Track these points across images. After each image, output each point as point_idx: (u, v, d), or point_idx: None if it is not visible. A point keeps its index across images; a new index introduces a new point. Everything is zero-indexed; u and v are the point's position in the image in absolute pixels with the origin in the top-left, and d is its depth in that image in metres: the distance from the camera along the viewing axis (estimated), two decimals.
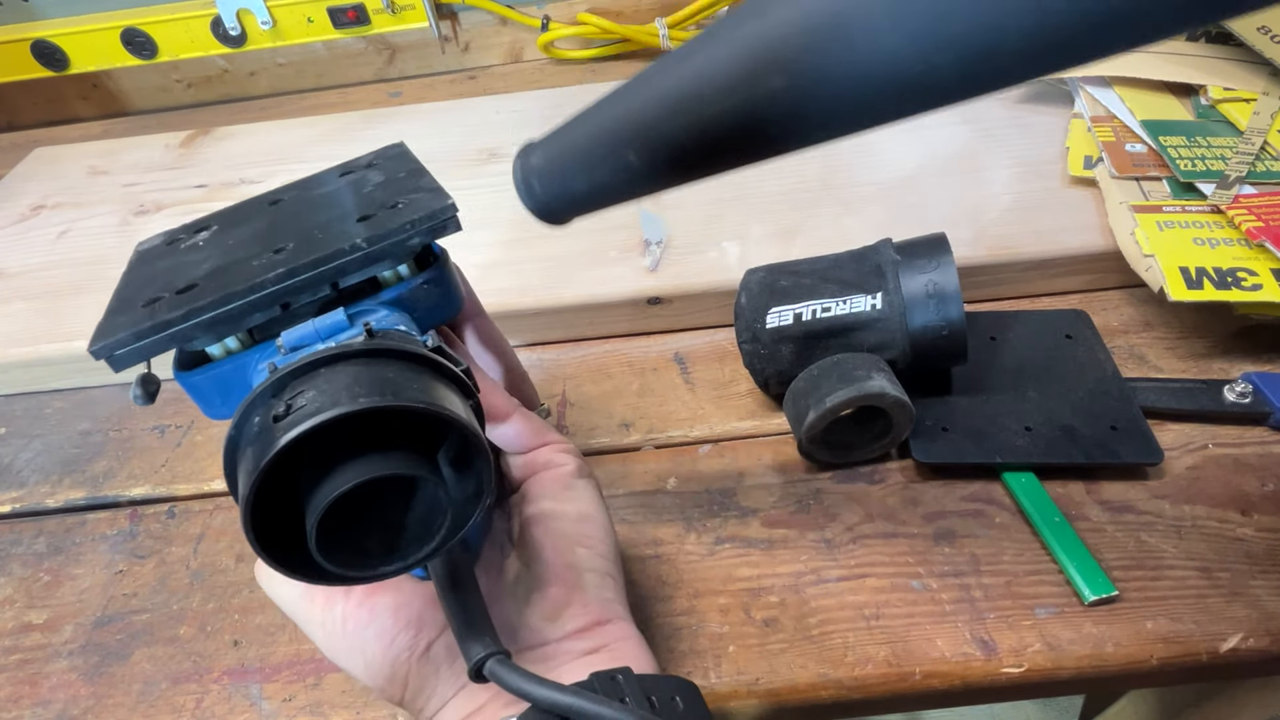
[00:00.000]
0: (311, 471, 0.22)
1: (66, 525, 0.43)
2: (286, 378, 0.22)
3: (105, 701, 0.35)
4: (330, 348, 0.23)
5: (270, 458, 0.20)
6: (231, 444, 0.23)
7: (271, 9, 0.74)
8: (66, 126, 0.83)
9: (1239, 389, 0.39)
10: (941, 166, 0.53)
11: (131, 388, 0.29)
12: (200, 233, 0.32)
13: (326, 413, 0.20)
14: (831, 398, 0.36)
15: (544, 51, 0.80)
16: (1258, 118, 0.48)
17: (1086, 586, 0.34)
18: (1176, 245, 0.42)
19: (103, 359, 0.27)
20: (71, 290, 0.54)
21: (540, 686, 0.23)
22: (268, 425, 0.21)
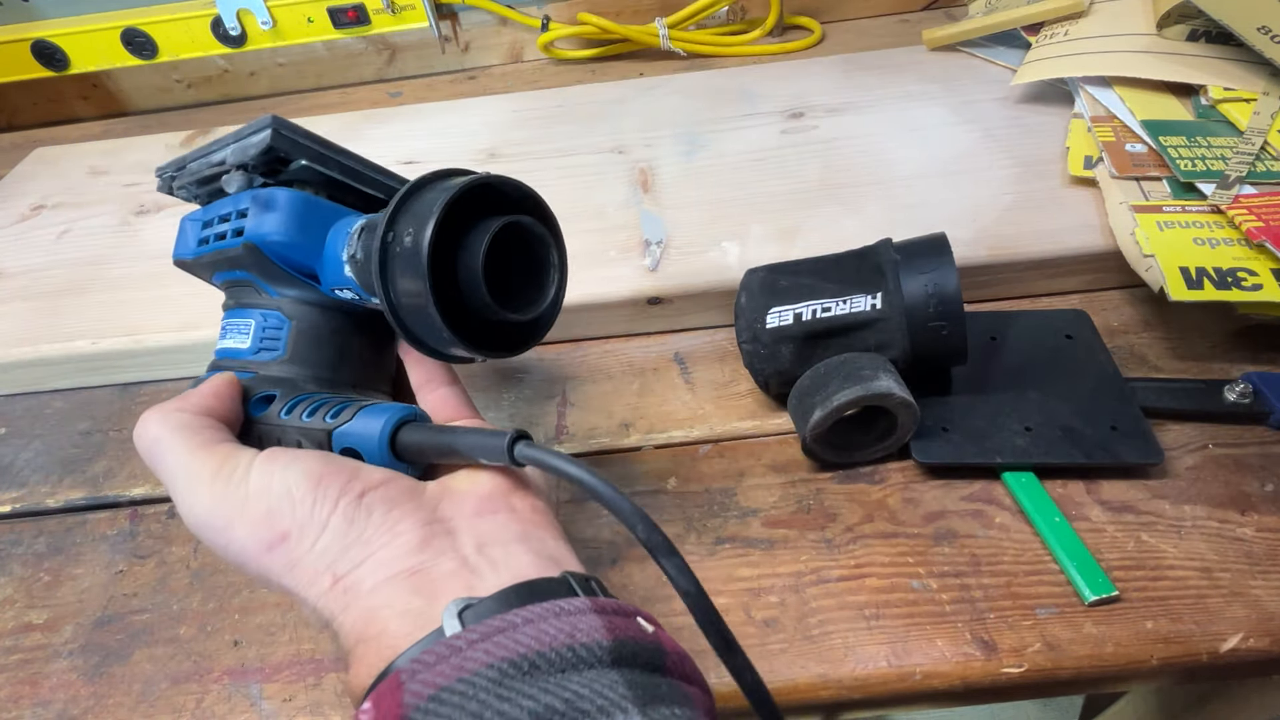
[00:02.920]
0: (446, 252, 0.28)
1: (66, 525, 0.43)
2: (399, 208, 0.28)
3: (105, 701, 0.35)
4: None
5: (450, 196, 0.27)
6: (383, 252, 0.28)
7: (271, 9, 0.74)
8: (66, 126, 0.83)
9: (1239, 389, 0.39)
10: (941, 166, 0.53)
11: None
12: None
13: (460, 184, 0.28)
14: (838, 397, 0.36)
15: (544, 51, 0.80)
16: (1258, 118, 0.48)
17: (1086, 586, 0.34)
18: (1176, 245, 0.42)
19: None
20: (71, 290, 0.54)
21: (568, 462, 0.25)
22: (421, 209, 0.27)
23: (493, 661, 0.20)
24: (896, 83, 0.63)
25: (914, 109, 0.60)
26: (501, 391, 0.47)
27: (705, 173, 0.56)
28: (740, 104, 0.64)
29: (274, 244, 0.30)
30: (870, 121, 0.59)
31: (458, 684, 0.20)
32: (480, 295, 0.28)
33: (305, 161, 0.32)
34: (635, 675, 0.20)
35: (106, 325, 0.50)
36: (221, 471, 0.26)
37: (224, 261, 0.33)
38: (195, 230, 0.35)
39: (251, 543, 0.25)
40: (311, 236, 0.31)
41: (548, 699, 0.19)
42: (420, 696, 0.20)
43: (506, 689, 0.19)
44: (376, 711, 0.20)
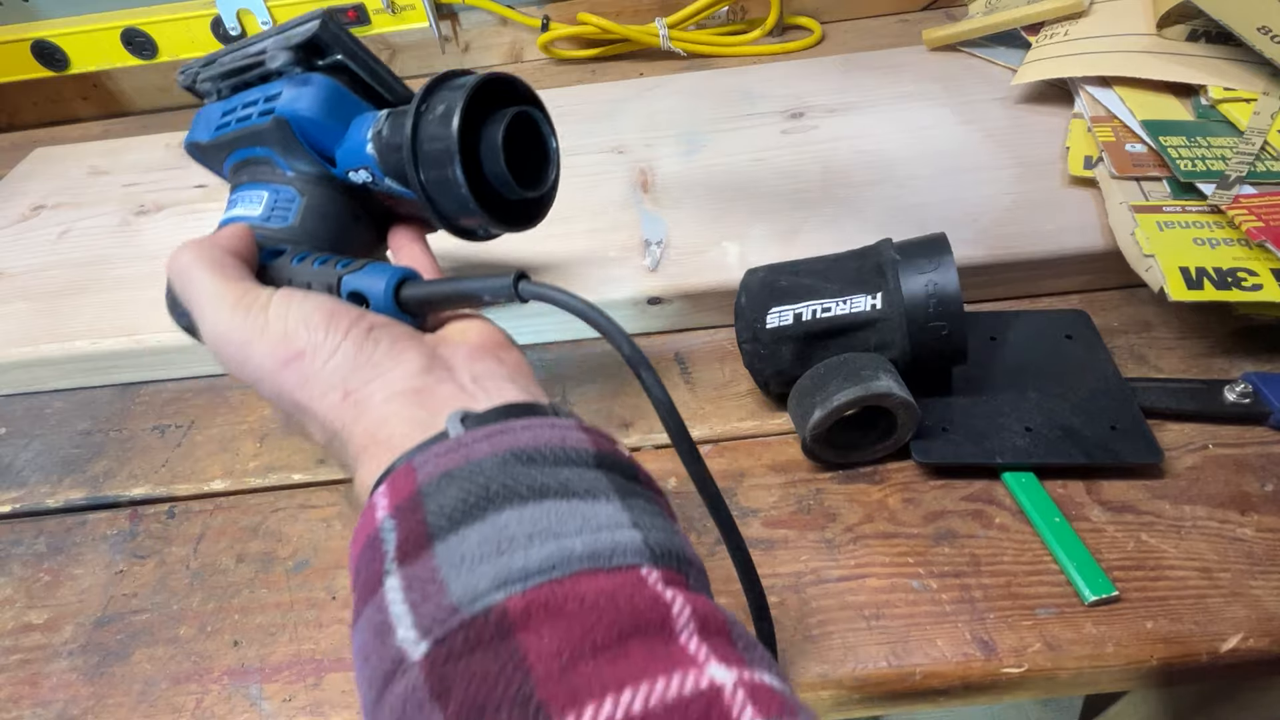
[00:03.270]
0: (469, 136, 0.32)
1: (66, 525, 0.43)
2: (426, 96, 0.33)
3: (105, 701, 0.35)
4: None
5: (479, 80, 0.32)
6: (416, 119, 0.32)
7: (271, 9, 0.74)
8: (66, 126, 0.83)
9: (1239, 389, 0.39)
10: (941, 166, 0.53)
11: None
12: None
13: (484, 75, 0.33)
14: (838, 396, 0.36)
15: (544, 51, 0.80)
16: (1258, 118, 0.48)
17: (1086, 586, 0.34)
18: (1176, 245, 0.42)
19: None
20: (71, 290, 0.54)
21: (565, 294, 0.28)
22: (446, 99, 0.32)
23: (496, 451, 0.23)
24: (896, 83, 0.63)
25: (914, 109, 0.60)
26: None
27: (705, 173, 0.56)
28: (740, 104, 0.64)
29: (304, 120, 0.34)
30: (870, 121, 0.59)
31: (466, 466, 0.22)
32: (498, 167, 0.33)
33: (341, 56, 0.36)
34: (615, 477, 0.23)
35: (106, 325, 0.50)
36: (244, 300, 0.29)
37: (245, 138, 0.36)
38: (216, 117, 0.38)
39: (268, 360, 0.27)
40: (337, 120, 0.35)
41: (543, 479, 0.22)
42: (431, 476, 0.22)
43: (508, 472, 0.22)
44: (391, 494, 0.23)
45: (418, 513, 0.22)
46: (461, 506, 0.21)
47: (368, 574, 0.22)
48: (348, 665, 0.36)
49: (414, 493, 0.22)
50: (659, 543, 0.21)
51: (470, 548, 0.20)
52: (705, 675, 0.17)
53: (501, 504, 0.21)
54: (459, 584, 0.20)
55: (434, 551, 0.21)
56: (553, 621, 0.18)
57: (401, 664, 0.19)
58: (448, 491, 0.22)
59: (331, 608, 0.38)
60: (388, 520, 0.22)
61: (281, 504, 0.43)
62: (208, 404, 0.49)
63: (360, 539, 0.23)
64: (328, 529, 0.41)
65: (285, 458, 0.45)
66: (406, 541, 0.21)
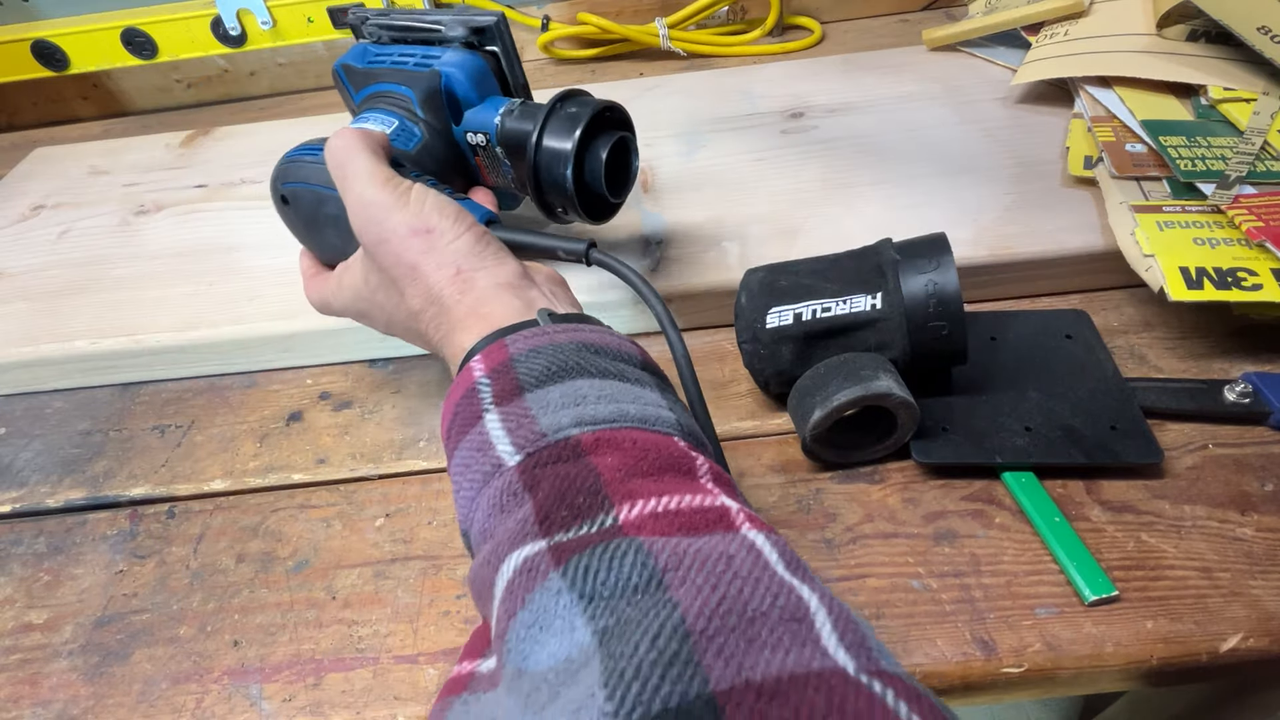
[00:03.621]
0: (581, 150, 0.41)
1: (66, 525, 0.43)
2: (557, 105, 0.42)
3: (105, 701, 0.35)
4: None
5: (603, 103, 0.42)
6: (549, 112, 0.41)
7: (271, 9, 0.74)
8: (66, 126, 0.83)
9: (1239, 389, 0.39)
10: (941, 166, 0.53)
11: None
12: None
13: (605, 101, 0.42)
14: (838, 396, 0.36)
15: (544, 51, 0.80)
16: (1258, 118, 0.48)
17: (1086, 586, 0.34)
18: (1176, 245, 0.42)
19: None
20: (71, 290, 0.54)
21: (625, 267, 0.36)
22: (569, 114, 0.41)
23: (572, 340, 0.29)
24: (896, 83, 0.63)
25: (914, 109, 0.60)
26: None
27: (705, 173, 0.56)
28: (740, 104, 0.64)
29: (454, 80, 0.43)
30: (870, 121, 0.59)
31: (548, 346, 0.29)
32: (598, 175, 0.41)
33: (497, 49, 0.45)
34: (654, 378, 0.30)
35: (106, 325, 0.50)
36: (391, 180, 0.34)
37: (395, 75, 0.44)
38: (371, 54, 0.46)
39: (403, 227, 0.33)
40: (475, 91, 0.44)
41: (606, 365, 0.29)
42: (521, 350, 0.29)
43: (581, 355, 0.29)
44: (486, 360, 0.29)
45: (510, 373, 0.28)
46: (546, 372, 0.28)
47: (467, 413, 0.28)
48: (348, 665, 0.36)
49: (507, 360, 0.28)
50: (685, 424, 0.28)
51: (554, 399, 0.27)
52: (719, 500, 0.24)
53: (576, 375, 0.28)
54: (546, 420, 0.26)
55: (525, 398, 0.27)
56: (614, 451, 0.25)
57: (500, 467, 0.26)
58: (535, 361, 0.28)
59: (331, 608, 0.38)
60: (484, 378, 0.28)
61: (281, 504, 0.43)
62: (208, 404, 0.49)
63: (457, 392, 0.29)
64: (328, 529, 0.41)
65: (285, 458, 0.45)
66: (502, 391, 0.27)
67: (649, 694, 0.17)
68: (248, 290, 0.52)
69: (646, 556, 0.21)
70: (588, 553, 0.22)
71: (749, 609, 0.19)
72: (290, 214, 0.43)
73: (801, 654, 0.18)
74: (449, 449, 0.29)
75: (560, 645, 0.20)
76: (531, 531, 0.23)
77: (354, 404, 0.48)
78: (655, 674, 0.18)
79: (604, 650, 0.19)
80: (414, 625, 0.37)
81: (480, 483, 0.26)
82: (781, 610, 0.19)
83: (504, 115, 0.42)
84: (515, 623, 0.22)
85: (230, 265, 0.54)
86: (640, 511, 0.23)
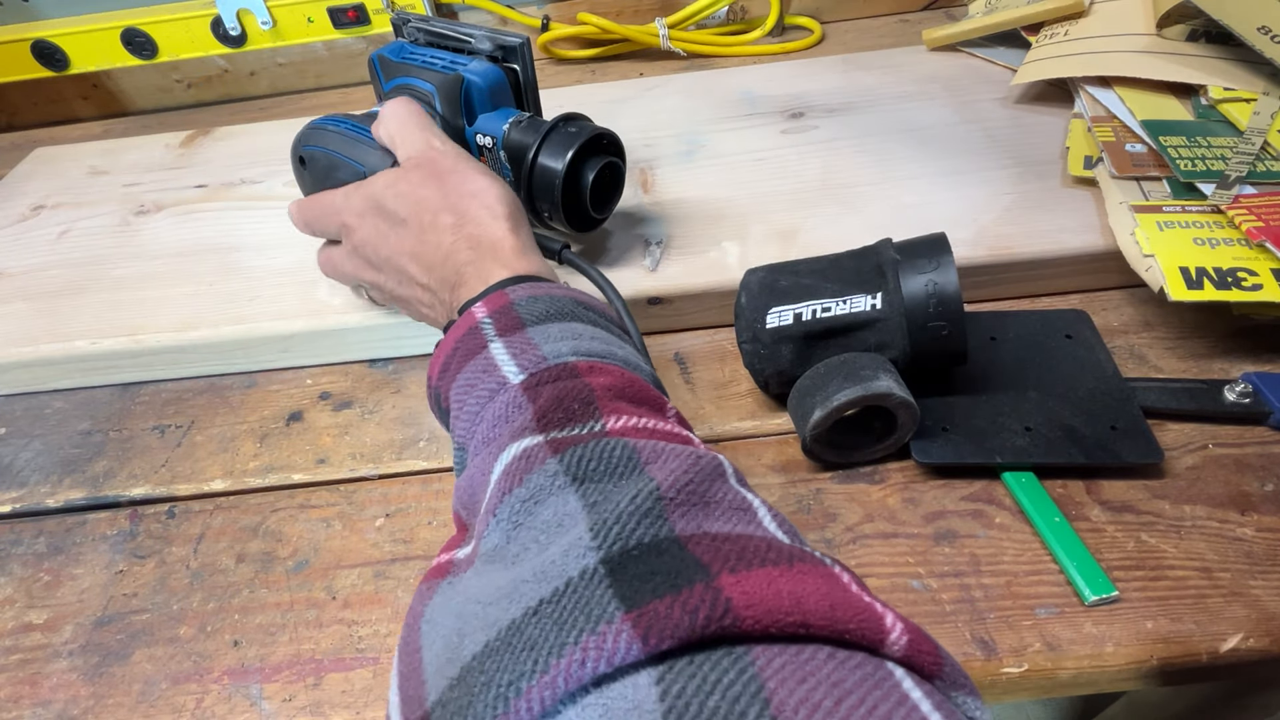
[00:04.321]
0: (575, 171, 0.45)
1: (66, 525, 0.43)
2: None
3: (105, 701, 0.35)
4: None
5: (599, 129, 0.46)
6: (551, 129, 0.45)
7: (271, 9, 0.74)
8: (66, 126, 0.83)
9: (1239, 389, 0.39)
10: (941, 166, 0.53)
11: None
12: None
13: (600, 128, 0.46)
14: (837, 396, 0.36)
15: (544, 51, 0.80)
16: (1258, 118, 0.48)
17: (1086, 586, 0.34)
18: (1176, 245, 0.42)
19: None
20: (71, 290, 0.54)
21: (591, 268, 0.42)
22: (567, 134, 0.45)
23: (567, 295, 0.33)
24: (896, 83, 0.63)
25: (914, 109, 0.60)
26: None
27: (705, 173, 0.56)
28: (740, 104, 0.64)
29: (476, 87, 0.47)
30: (870, 121, 0.59)
31: (546, 296, 0.33)
32: (584, 195, 0.45)
33: (517, 66, 0.49)
34: (635, 341, 0.37)
35: (106, 325, 0.50)
36: (445, 140, 0.41)
37: (423, 72, 0.48)
38: (406, 51, 0.50)
39: (473, 169, 0.39)
40: (491, 99, 0.47)
41: (595, 318, 0.33)
42: (521, 296, 0.32)
43: (575, 306, 0.33)
44: (488, 306, 0.32)
45: (512, 313, 0.32)
46: (546, 312, 0.32)
47: (470, 345, 0.31)
48: (348, 665, 0.36)
49: (508, 304, 0.32)
50: (657, 381, 0.33)
51: (553, 332, 0.31)
52: (686, 434, 0.28)
53: (571, 319, 0.32)
54: (547, 347, 0.30)
55: (527, 331, 0.31)
56: (603, 376, 0.29)
57: (504, 385, 0.29)
58: (535, 306, 0.32)
59: (331, 608, 0.38)
60: (486, 318, 0.32)
61: (281, 504, 0.43)
62: (208, 404, 0.49)
63: (457, 331, 0.32)
64: (328, 529, 0.41)
65: (285, 458, 0.45)
66: (505, 326, 0.31)
67: (626, 533, 0.21)
68: (248, 290, 0.52)
69: (631, 450, 0.25)
70: (581, 445, 0.25)
71: (708, 495, 0.24)
72: (304, 174, 0.49)
73: (747, 527, 0.23)
74: (446, 378, 0.32)
75: (552, 512, 0.24)
76: (530, 427, 0.27)
77: (354, 404, 0.48)
78: (632, 521, 0.22)
79: (591, 511, 0.23)
80: None
81: (485, 398, 0.30)
82: (731, 502, 0.24)
83: (511, 125, 0.46)
84: (510, 498, 0.25)
85: (230, 265, 0.54)
86: (624, 423, 0.27)
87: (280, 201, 0.59)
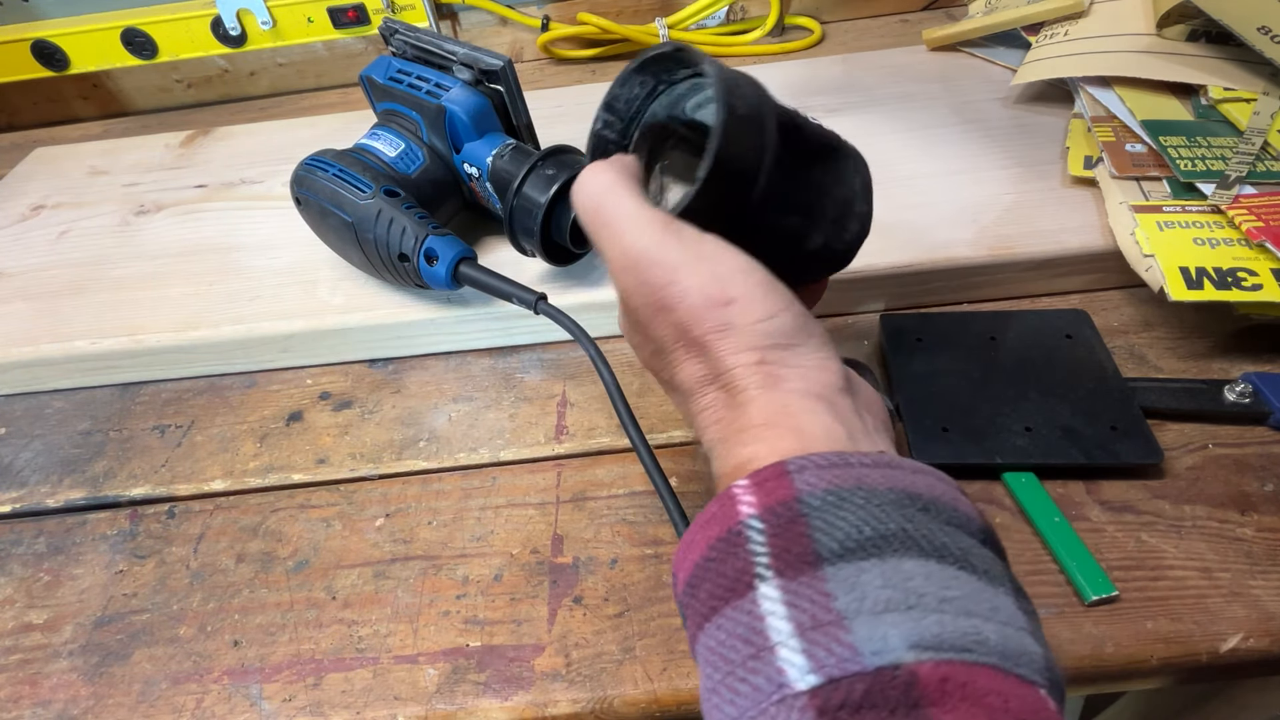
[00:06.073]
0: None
1: (66, 525, 0.43)
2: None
3: (105, 701, 0.35)
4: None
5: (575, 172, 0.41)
6: (531, 167, 0.44)
7: (271, 9, 0.74)
8: (66, 126, 0.83)
9: (1239, 389, 0.39)
10: (941, 166, 0.53)
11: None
12: None
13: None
14: None
15: (544, 51, 0.80)
16: (1258, 118, 0.48)
17: (1087, 586, 0.34)
18: (1176, 245, 0.42)
19: None
20: (71, 290, 0.54)
21: (573, 323, 0.40)
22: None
23: (891, 487, 0.20)
24: (896, 83, 0.63)
25: (914, 109, 0.60)
26: (503, 391, 0.47)
27: None
28: None
29: (457, 117, 0.47)
30: (870, 121, 0.59)
31: (858, 490, 0.20)
32: (564, 228, 0.45)
33: (501, 89, 0.48)
34: (1002, 564, 0.21)
35: (106, 325, 0.50)
36: (671, 226, 0.26)
37: (408, 100, 0.49)
38: (394, 69, 0.50)
39: (695, 291, 0.25)
40: (476, 128, 0.47)
41: (943, 538, 0.20)
42: (814, 488, 0.20)
43: (905, 514, 0.20)
44: (759, 492, 0.21)
45: (798, 525, 0.20)
46: (855, 535, 0.19)
47: (729, 570, 0.20)
48: (348, 665, 0.36)
49: (792, 499, 0.20)
50: (1052, 664, 0.19)
51: (871, 588, 0.18)
52: None
53: (902, 550, 0.19)
54: (862, 626, 0.18)
55: (824, 575, 0.19)
56: (969, 709, 0.16)
57: (782, 688, 0.18)
58: (838, 513, 0.20)
59: (331, 608, 0.38)
60: (755, 520, 0.20)
61: (281, 504, 0.43)
62: (208, 404, 0.49)
63: (714, 529, 0.21)
64: (328, 529, 0.41)
65: (285, 458, 0.45)
66: (787, 552, 0.19)
67: None
68: (248, 290, 0.52)
69: None
70: None
71: None
72: (304, 214, 0.49)
73: None
74: (693, 602, 0.21)
75: None
76: None
77: (354, 404, 0.48)
78: None
79: None
80: (414, 625, 0.37)
81: (746, 704, 0.18)
82: None
83: (495, 157, 0.47)
84: None
85: (230, 265, 0.54)
86: None
87: (280, 201, 0.59)
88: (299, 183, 0.47)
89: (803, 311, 0.26)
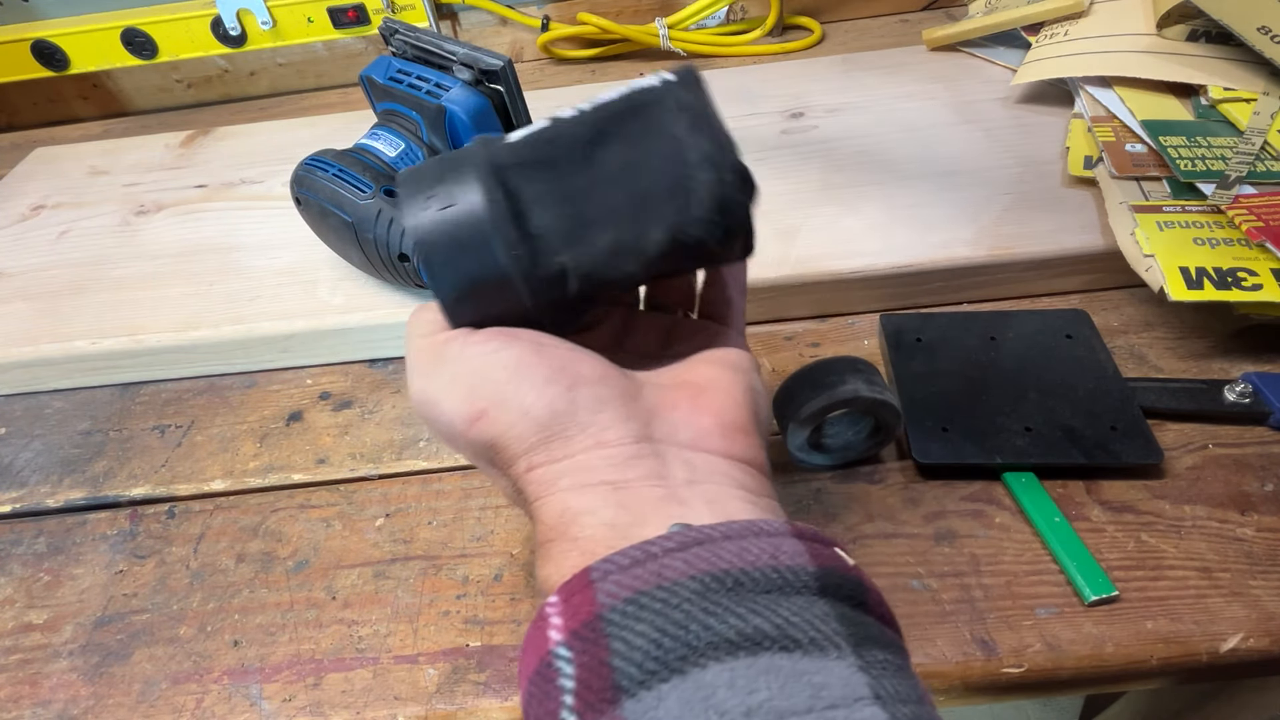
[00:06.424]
0: None
1: (66, 525, 0.43)
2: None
3: (105, 701, 0.35)
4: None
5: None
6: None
7: (271, 9, 0.74)
8: (66, 126, 0.83)
9: (1239, 389, 0.39)
10: (941, 166, 0.53)
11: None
12: None
13: None
14: (805, 408, 0.36)
15: (544, 51, 0.80)
16: (1258, 118, 0.48)
17: (1087, 586, 0.34)
18: (1176, 245, 0.42)
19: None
20: (71, 290, 0.54)
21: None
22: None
23: (694, 573, 0.19)
24: (896, 83, 0.63)
25: (914, 109, 0.60)
26: None
27: None
28: (740, 104, 0.63)
29: (457, 117, 0.47)
30: (870, 121, 0.59)
31: (658, 591, 0.18)
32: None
33: (501, 89, 0.47)
34: (843, 609, 0.19)
35: (106, 325, 0.50)
36: (440, 351, 0.25)
37: (408, 100, 0.48)
38: (394, 69, 0.50)
39: (456, 418, 0.24)
40: (477, 128, 0.47)
41: (757, 621, 0.18)
42: (616, 598, 0.19)
43: (712, 603, 0.18)
44: (565, 611, 0.19)
45: (600, 648, 0.18)
46: (655, 653, 0.17)
47: (542, 713, 0.19)
48: (348, 665, 0.36)
49: (594, 617, 0.18)
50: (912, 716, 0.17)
51: (669, 717, 0.17)
52: None
53: (705, 656, 0.17)
54: None
55: (623, 715, 0.17)
56: None
57: None
58: (636, 627, 0.18)
59: (331, 608, 0.38)
60: (563, 648, 0.19)
61: (281, 504, 0.43)
62: (208, 404, 0.49)
63: (531, 659, 0.19)
64: (328, 529, 0.41)
65: (285, 458, 0.45)
66: (588, 688, 0.18)
67: None
68: (248, 290, 0.52)
69: None
70: None
71: None
72: (304, 214, 0.49)
73: None
74: None
75: None
76: None
77: (354, 404, 0.48)
78: None
79: None
80: (414, 625, 0.37)
81: None
82: None
83: None
84: None
85: (230, 265, 0.54)
86: None
87: (280, 201, 0.59)
88: (299, 183, 0.47)
89: (570, 383, 0.24)
